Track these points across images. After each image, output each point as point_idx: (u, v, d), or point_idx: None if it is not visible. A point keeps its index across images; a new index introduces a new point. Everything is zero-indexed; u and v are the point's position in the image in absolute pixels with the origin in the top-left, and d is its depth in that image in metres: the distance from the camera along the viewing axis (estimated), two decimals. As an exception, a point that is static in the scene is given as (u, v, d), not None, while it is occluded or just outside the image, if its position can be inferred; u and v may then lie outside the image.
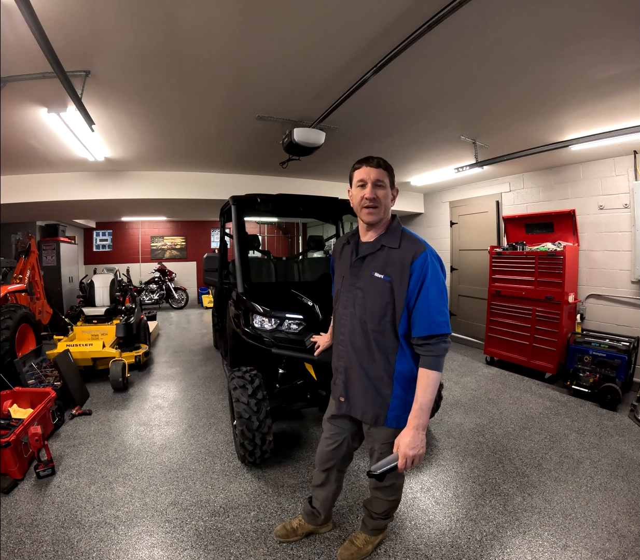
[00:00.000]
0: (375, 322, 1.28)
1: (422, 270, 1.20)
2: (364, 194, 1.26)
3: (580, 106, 2.60)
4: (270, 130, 3.13)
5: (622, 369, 3.18)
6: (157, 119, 2.92)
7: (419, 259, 1.21)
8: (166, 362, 4.66)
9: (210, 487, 2.15)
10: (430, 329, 1.20)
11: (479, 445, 2.58)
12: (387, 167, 1.29)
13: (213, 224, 9.91)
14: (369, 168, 1.26)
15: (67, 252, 6.97)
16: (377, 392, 1.34)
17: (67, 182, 4.33)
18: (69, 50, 1.83)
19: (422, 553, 1.66)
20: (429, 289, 1.20)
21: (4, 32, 1.63)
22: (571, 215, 3.83)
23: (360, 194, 1.27)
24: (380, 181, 1.26)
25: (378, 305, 1.27)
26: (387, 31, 1.73)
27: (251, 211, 3.04)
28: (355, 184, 1.30)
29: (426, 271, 1.20)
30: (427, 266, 1.21)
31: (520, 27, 1.70)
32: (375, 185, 1.26)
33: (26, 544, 1.69)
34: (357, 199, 1.29)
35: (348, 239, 1.45)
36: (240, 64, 2.07)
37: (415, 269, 1.20)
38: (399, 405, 1.33)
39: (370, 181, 1.26)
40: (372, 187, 1.25)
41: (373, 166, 1.26)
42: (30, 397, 2.81)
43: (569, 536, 1.73)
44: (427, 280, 1.20)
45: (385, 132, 3.29)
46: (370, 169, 1.26)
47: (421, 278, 1.20)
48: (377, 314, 1.27)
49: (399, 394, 1.33)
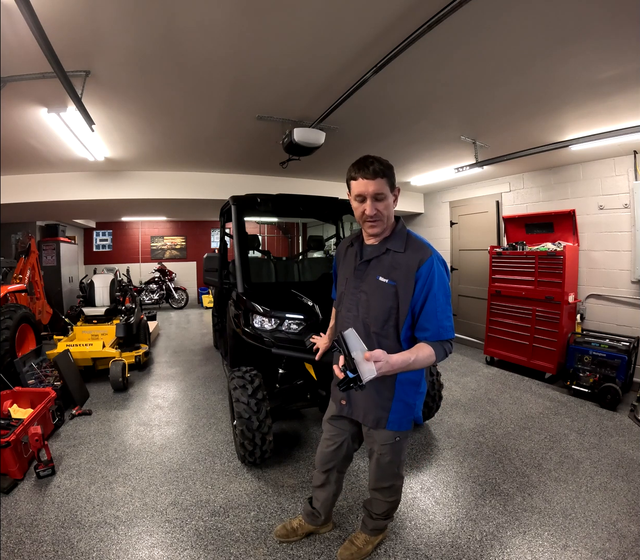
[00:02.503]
0: (378, 326, 1.27)
1: (428, 276, 1.19)
2: (364, 209, 1.22)
3: (580, 106, 2.60)
4: (270, 130, 3.13)
5: (622, 369, 3.18)
6: (157, 119, 2.92)
7: (425, 265, 1.20)
8: (166, 362, 4.66)
9: (210, 487, 2.15)
10: (439, 334, 1.20)
11: (479, 445, 2.58)
12: (385, 173, 1.19)
13: (213, 224, 9.91)
14: (365, 181, 1.18)
15: (67, 252, 6.97)
16: (379, 395, 1.33)
17: (67, 182, 4.33)
18: (69, 50, 1.83)
19: (422, 553, 1.66)
20: (436, 295, 1.19)
21: (4, 32, 1.63)
22: (571, 215, 3.83)
23: (361, 209, 1.23)
24: (379, 194, 1.19)
25: (382, 309, 1.25)
26: (387, 31, 1.73)
27: (251, 211, 3.04)
28: (354, 197, 1.25)
29: (433, 277, 1.19)
30: (433, 272, 1.20)
31: (520, 27, 1.70)
32: (374, 200, 1.20)
33: (26, 544, 1.69)
34: (358, 213, 1.25)
35: (352, 241, 1.43)
36: (240, 64, 2.07)
37: (422, 275, 1.19)
38: (401, 408, 1.34)
39: (369, 196, 1.19)
40: (371, 201, 1.20)
41: (370, 178, 1.17)
42: (30, 397, 2.81)
43: (569, 536, 1.73)
44: (435, 286, 1.19)
45: (385, 132, 3.29)
46: (367, 182, 1.17)
47: (427, 284, 1.19)
48: (381, 317, 1.26)
49: (401, 397, 1.33)
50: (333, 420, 1.53)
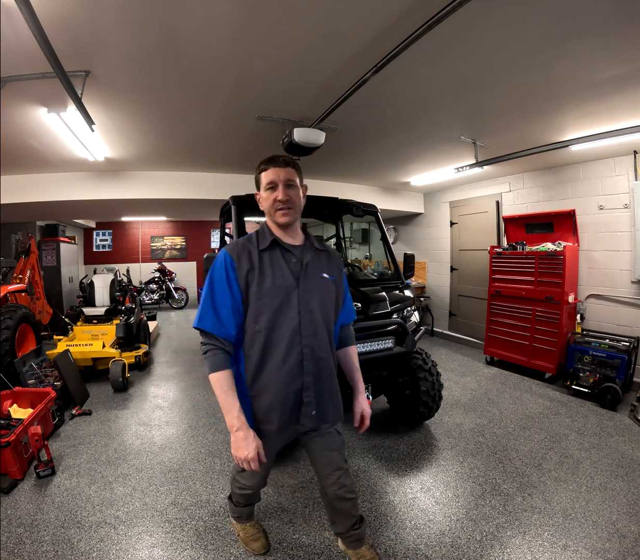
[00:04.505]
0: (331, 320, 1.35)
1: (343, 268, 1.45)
2: (275, 196, 1.22)
3: (580, 106, 2.60)
4: (270, 130, 3.13)
5: (622, 369, 3.18)
6: (157, 118, 2.92)
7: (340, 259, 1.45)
8: (166, 362, 4.66)
9: (210, 487, 2.15)
10: (353, 315, 1.52)
11: (479, 445, 2.58)
12: (295, 164, 1.27)
13: (213, 224, 9.90)
14: (277, 168, 1.23)
15: (67, 252, 6.97)
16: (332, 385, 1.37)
17: (67, 182, 4.32)
18: (69, 50, 1.83)
19: (422, 553, 1.66)
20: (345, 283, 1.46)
21: (4, 32, 1.63)
22: (571, 215, 3.83)
23: (272, 197, 1.23)
24: (290, 181, 1.23)
25: (331, 303, 1.34)
26: (387, 31, 1.73)
27: (251, 211, 3.03)
28: (265, 186, 1.24)
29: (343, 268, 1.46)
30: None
31: (519, 27, 1.70)
32: (286, 186, 1.22)
33: (26, 544, 1.69)
34: (269, 202, 1.24)
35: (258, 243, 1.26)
36: (241, 64, 2.07)
37: (343, 268, 1.44)
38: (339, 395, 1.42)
39: (280, 182, 1.22)
40: (283, 188, 1.22)
41: (281, 166, 1.23)
42: (30, 397, 2.81)
43: (569, 536, 1.73)
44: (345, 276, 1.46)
45: (385, 132, 3.29)
46: (278, 169, 1.22)
47: (344, 275, 1.45)
48: (331, 312, 1.35)
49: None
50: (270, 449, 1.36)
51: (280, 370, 1.24)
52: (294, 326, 1.23)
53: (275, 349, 1.24)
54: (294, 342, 1.24)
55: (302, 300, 1.25)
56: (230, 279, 1.21)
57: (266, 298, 1.21)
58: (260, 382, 1.26)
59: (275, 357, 1.24)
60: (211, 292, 1.22)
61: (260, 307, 1.22)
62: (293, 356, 1.24)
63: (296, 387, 1.26)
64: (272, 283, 1.22)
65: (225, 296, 1.21)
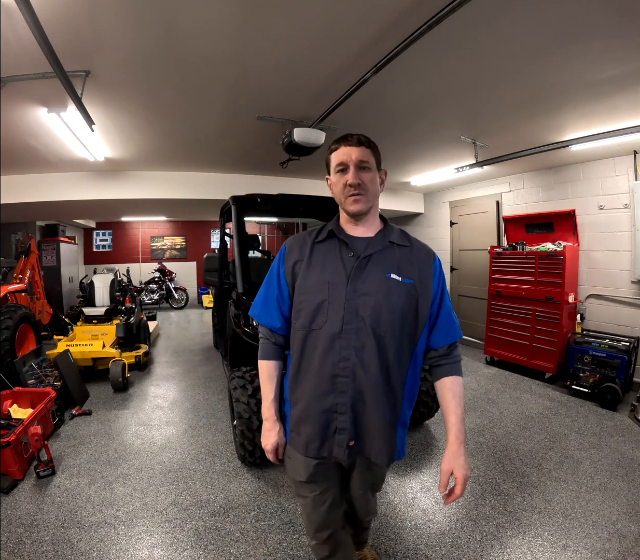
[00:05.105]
0: (395, 336, 1.03)
1: (441, 272, 1.10)
2: (346, 179, 1.02)
3: (580, 106, 2.60)
4: (270, 130, 3.13)
5: (622, 369, 3.18)
6: (157, 119, 2.92)
7: (437, 260, 1.10)
8: (166, 362, 4.66)
9: (210, 487, 2.15)
10: (456, 335, 1.11)
11: (479, 445, 2.58)
12: (371, 144, 1.05)
13: (213, 224, 9.91)
14: (348, 148, 1.02)
15: (67, 252, 6.96)
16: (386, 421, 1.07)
17: (67, 182, 4.33)
18: (69, 50, 1.83)
19: (422, 553, 1.66)
20: (445, 292, 1.10)
21: (4, 32, 1.63)
22: (571, 215, 3.83)
23: (342, 181, 1.03)
24: (364, 162, 1.02)
25: (398, 314, 1.02)
26: (387, 31, 1.73)
27: (251, 211, 3.04)
28: (334, 169, 1.05)
29: (442, 273, 1.11)
30: (442, 267, 1.12)
31: (520, 27, 1.71)
32: (358, 168, 1.02)
33: (26, 544, 1.69)
34: (339, 187, 1.05)
35: (317, 234, 1.13)
36: (241, 63, 2.07)
37: (437, 270, 1.09)
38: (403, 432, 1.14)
39: (352, 163, 1.02)
40: (355, 170, 1.02)
41: (353, 145, 1.02)
42: (30, 397, 2.81)
43: (569, 536, 1.73)
44: (444, 283, 1.10)
45: (385, 132, 3.29)
46: (350, 148, 1.02)
47: (441, 281, 1.09)
48: (398, 325, 1.03)
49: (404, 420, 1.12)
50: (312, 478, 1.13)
51: (312, 381, 1.06)
52: (334, 332, 1.03)
53: (313, 354, 1.06)
54: (331, 351, 1.03)
55: (350, 302, 1.02)
56: (279, 271, 1.14)
57: (308, 294, 1.07)
58: (298, 388, 1.10)
59: (311, 364, 1.06)
60: (265, 282, 1.18)
61: (301, 302, 1.08)
62: (327, 368, 1.04)
63: (327, 406, 1.05)
64: (317, 278, 1.06)
65: (272, 288, 1.15)
